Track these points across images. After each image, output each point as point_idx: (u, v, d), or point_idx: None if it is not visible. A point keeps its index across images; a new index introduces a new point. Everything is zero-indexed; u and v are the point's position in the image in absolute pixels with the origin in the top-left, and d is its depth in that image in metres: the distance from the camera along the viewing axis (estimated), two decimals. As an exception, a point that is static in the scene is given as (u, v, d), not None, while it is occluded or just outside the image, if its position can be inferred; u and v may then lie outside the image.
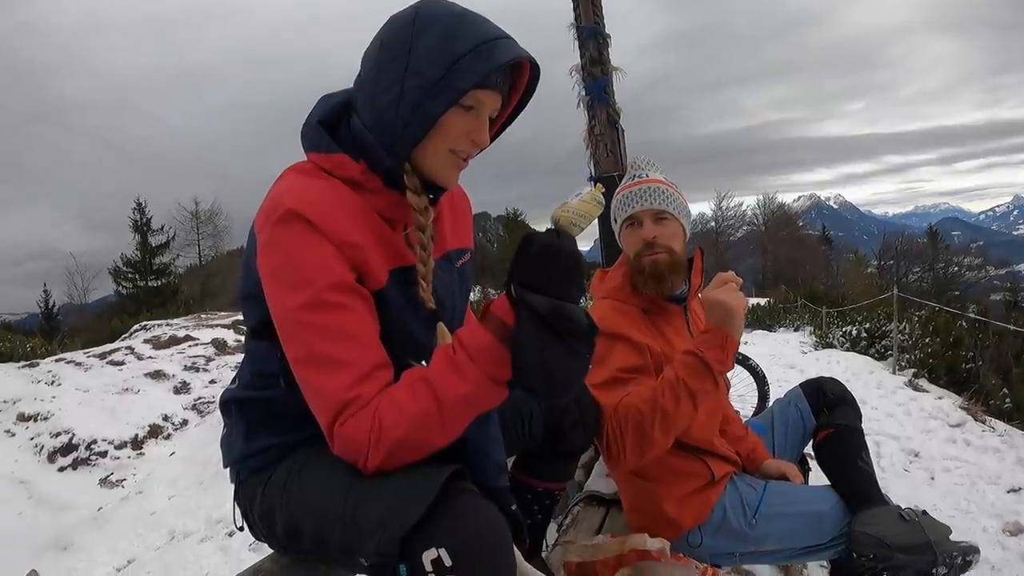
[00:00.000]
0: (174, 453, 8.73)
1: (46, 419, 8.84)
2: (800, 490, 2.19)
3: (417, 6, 1.23)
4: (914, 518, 1.96)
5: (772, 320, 22.23)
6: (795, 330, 20.11)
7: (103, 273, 34.25)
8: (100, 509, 7.36)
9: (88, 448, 8.44)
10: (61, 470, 8.13)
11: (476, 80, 1.17)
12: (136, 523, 6.80)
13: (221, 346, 12.40)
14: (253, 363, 1.39)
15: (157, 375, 10.64)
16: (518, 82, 1.33)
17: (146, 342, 12.43)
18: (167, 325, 14.29)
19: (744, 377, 5.06)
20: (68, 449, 8.38)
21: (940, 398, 6.83)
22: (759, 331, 19.62)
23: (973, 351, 9.41)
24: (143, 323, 15.55)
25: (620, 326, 2.01)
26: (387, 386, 1.17)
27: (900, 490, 4.10)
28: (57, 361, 11.11)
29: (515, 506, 1.39)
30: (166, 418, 9.50)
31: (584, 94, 4.19)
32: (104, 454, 8.44)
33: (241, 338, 12.76)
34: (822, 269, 53.27)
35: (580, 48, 4.19)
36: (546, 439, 1.76)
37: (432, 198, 1.32)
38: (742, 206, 61.90)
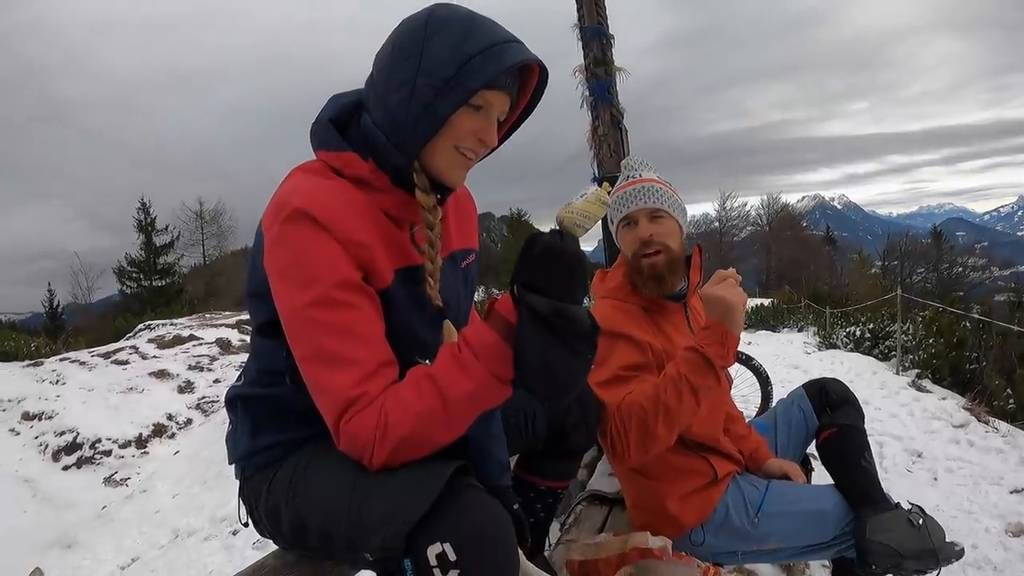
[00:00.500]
0: (178, 452, 8.76)
1: (50, 418, 8.89)
2: (802, 489, 2.19)
3: (430, 9, 1.25)
4: (919, 522, 1.97)
5: (776, 320, 22.17)
6: (799, 330, 20.06)
7: (107, 273, 34.42)
8: (104, 507, 7.39)
9: (92, 447, 8.48)
10: (65, 469, 8.18)
11: (486, 80, 1.19)
12: (140, 521, 6.82)
13: (225, 346, 12.44)
14: (259, 360, 1.39)
15: (161, 374, 10.69)
16: (526, 86, 1.35)
17: (150, 342, 12.47)
18: (171, 325, 14.35)
19: (747, 377, 5.04)
20: (72, 448, 8.42)
21: (943, 399, 6.81)
22: (763, 331, 19.60)
23: (977, 352, 9.39)
24: (147, 323, 15.62)
25: (621, 325, 2.02)
26: (393, 383, 1.18)
27: (903, 490, 4.08)
28: (61, 360, 11.17)
29: (517, 505, 1.40)
30: (170, 417, 9.54)
31: (588, 94, 4.19)
32: (108, 453, 8.48)
33: (245, 338, 12.79)
34: (826, 269, 53.07)
35: (584, 48, 4.19)
36: (549, 438, 1.77)
37: (439, 198, 1.33)
38: (746, 206, 61.91)
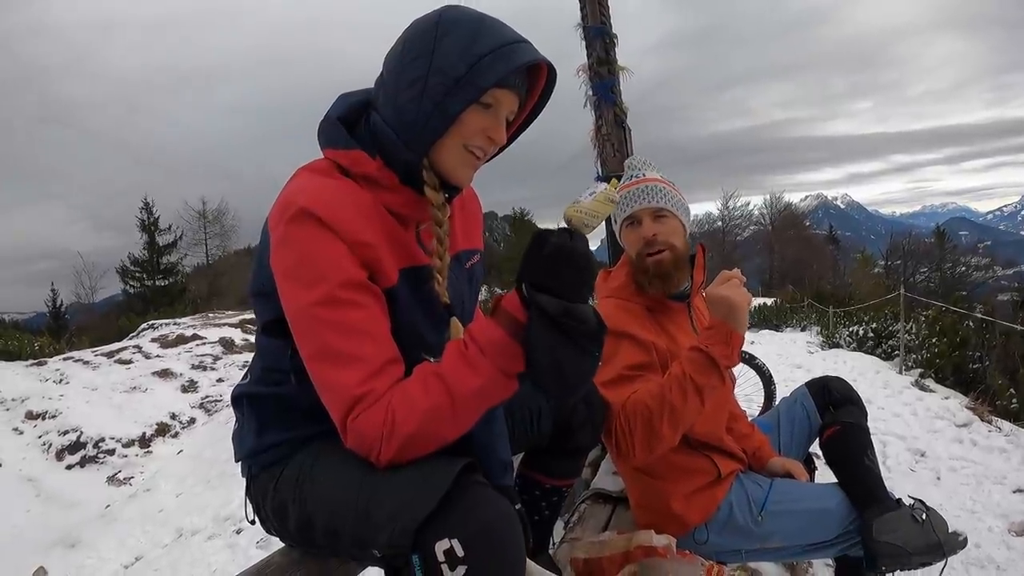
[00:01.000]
0: (181, 451, 8.77)
1: (54, 417, 8.90)
2: (805, 487, 2.19)
3: (440, 11, 1.27)
4: (923, 518, 1.98)
5: (779, 320, 22.15)
6: (802, 330, 20.04)
7: (110, 272, 34.35)
8: (108, 507, 7.40)
9: (96, 446, 8.49)
10: (69, 468, 8.19)
11: (496, 79, 1.21)
12: (144, 520, 6.83)
13: (228, 345, 12.44)
14: (264, 359, 1.40)
15: (165, 374, 10.70)
16: (534, 88, 1.36)
17: (153, 341, 12.49)
18: (174, 324, 14.35)
19: (750, 377, 5.03)
20: (76, 447, 8.44)
21: (946, 398, 6.82)
22: (766, 331, 19.57)
23: (980, 351, 9.38)
24: (150, 322, 15.63)
25: (626, 324, 2.02)
26: (399, 381, 1.19)
27: (906, 489, 4.04)
28: (65, 360, 11.18)
29: (519, 505, 1.40)
30: (174, 416, 9.55)
31: (591, 94, 4.21)
32: (112, 452, 8.49)
33: (248, 337, 12.81)
34: (829, 269, 52.93)
35: (587, 48, 4.20)
36: (554, 436, 1.77)
37: (447, 197, 1.34)
38: (749, 206, 61.49)
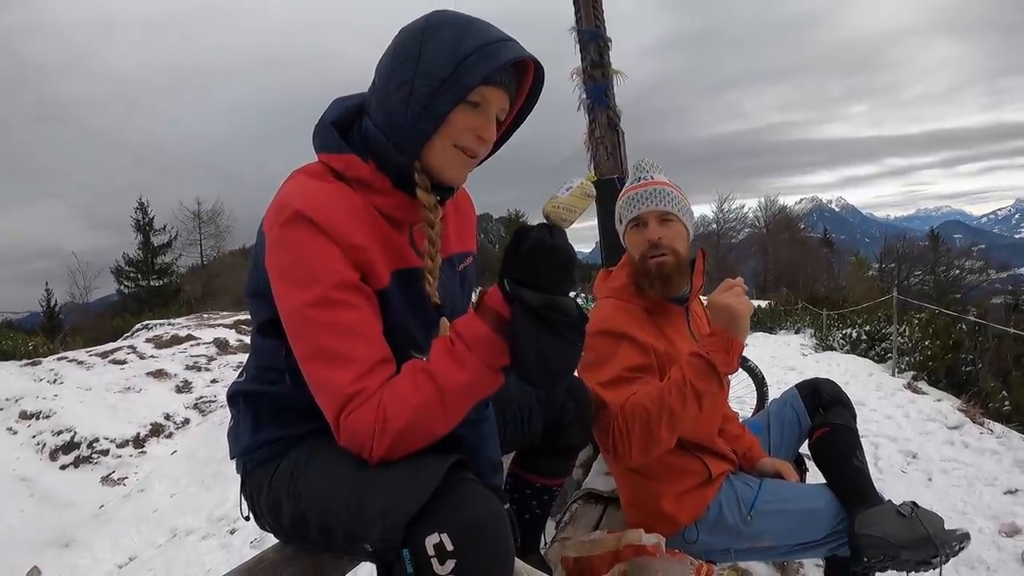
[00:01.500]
0: (175, 452, 8.77)
1: (48, 417, 8.88)
2: (795, 488, 2.21)
3: (427, 16, 1.28)
4: (910, 513, 1.99)
5: (773, 322, 22.14)
6: (796, 332, 20.06)
7: (105, 272, 34.27)
8: (102, 507, 7.40)
9: (90, 446, 8.48)
10: (63, 468, 8.17)
11: (482, 76, 1.22)
12: (138, 521, 6.83)
13: (223, 346, 12.44)
14: (259, 358, 1.42)
15: (159, 374, 10.69)
16: (524, 86, 1.37)
17: (148, 341, 12.49)
18: (169, 325, 14.35)
19: (743, 379, 5.06)
20: (70, 447, 8.42)
21: (939, 400, 6.82)
22: (760, 333, 19.57)
23: (973, 354, 9.41)
24: (145, 322, 15.63)
25: (625, 326, 2.04)
26: (390, 379, 1.21)
27: (898, 491, 4.11)
28: (59, 360, 11.17)
29: (507, 505, 1.42)
30: (168, 417, 9.54)
31: (585, 97, 4.22)
32: (106, 452, 8.48)
33: (243, 338, 12.82)
34: (823, 272, 52.80)
35: (581, 51, 4.22)
36: (545, 435, 1.79)
37: (439, 199, 1.35)
38: (743, 208, 61.68)
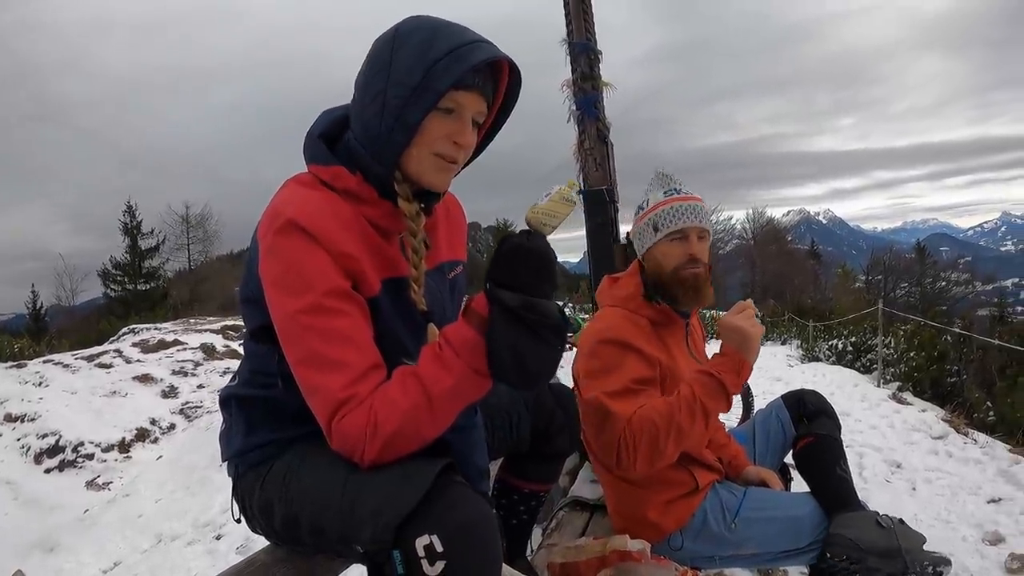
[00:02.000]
0: (161, 457, 8.71)
1: (33, 420, 8.81)
2: (779, 496, 2.23)
3: (398, 24, 1.29)
4: (890, 525, 2.00)
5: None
6: (782, 343, 20.17)
7: (92, 275, 34.04)
8: (87, 511, 7.34)
9: (75, 450, 8.40)
10: (48, 472, 8.10)
11: (452, 81, 1.22)
12: (123, 526, 6.77)
13: (209, 351, 12.37)
14: (251, 362, 1.43)
15: (145, 379, 10.61)
16: (502, 86, 1.38)
17: (134, 345, 12.39)
18: (155, 329, 14.29)
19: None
20: (55, 451, 8.35)
21: (923, 411, 6.88)
22: (747, 344, 19.62)
23: (958, 365, 9.50)
24: (131, 326, 15.57)
25: (632, 337, 2.03)
26: (381, 384, 1.22)
27: (882, 500, 4.15)
28: (45, 362, 11.06)
29: (494, 510, 1.44)
30: (153, 422, 9.47)
31: (575, 108, 4.25)
32: (91, 456, 8.40)
33: (230, 344, 12.78)
34: (810, 283, 52.87)
35: (571, 63, 4.25)
36: (533, 442, 1.81)
37: (424, 206, 1.37)
38: (732, 220, 61.84)
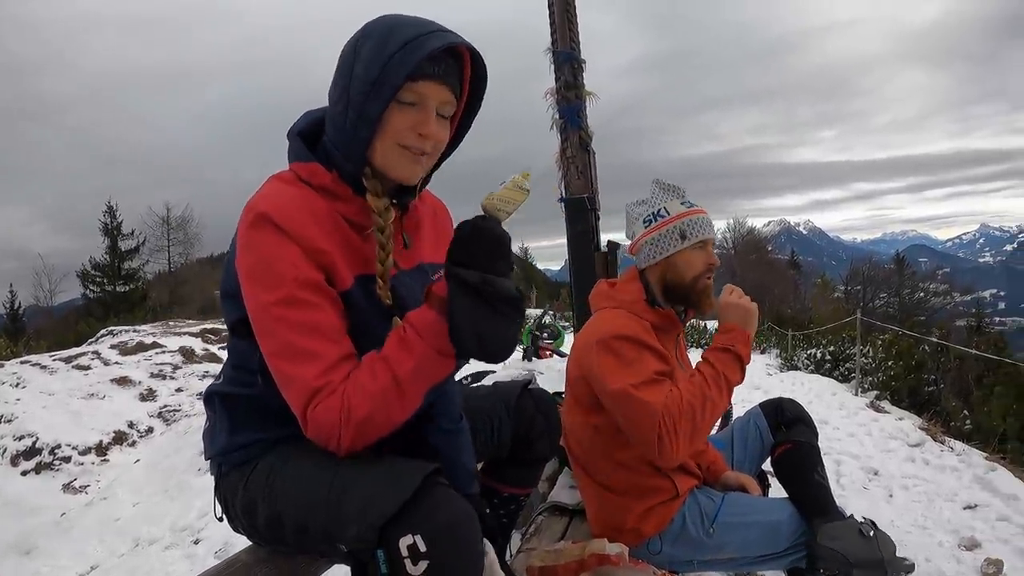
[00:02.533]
0: (139, 460, 8.63)
1: (10, 421, 8.72)
2: (757, 501, 2.26)
3: (364, 26, 1.32)
4: (870, 534, 2.05)
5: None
6: (762, 352, 20.31)
7: (71, 275, 33.60)
8: (64, 514, 7.26)
9: (52, 452, 8.32)
10: (24, 474, 8.02)
11: (408, 72, 1.24)
12: (101, 529, 6.70)
13: (188, 354, 12.28)
14: (233, 358, 1.45)
15: (123, 381, 10.52)
16: (467, 75, 1.39)
17: (113, 347, 12.28)
18: (134, 331, 14.14)
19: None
20: (31, 453, 8.26)
21: (901, 419, 6.96)
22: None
23: (935, 374, 9.61)
24: (110, 328, 15.39)
25: (646, 335, 2.06)
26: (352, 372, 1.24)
27: (859, 507, 4.17)
28: (22, 363, 10.94)
29: (488, 510, 1.46)
30: (131, 425, 9.39)
31: (558, 117, 4.28)
32: (68, 459, 8.32)
33: (209, 347, 12.70)
34: (790, 293, 53.19)
35: (555, 72, 4.28)
36: (513, 447, 1.82)
37: (394, 201, 1.39)
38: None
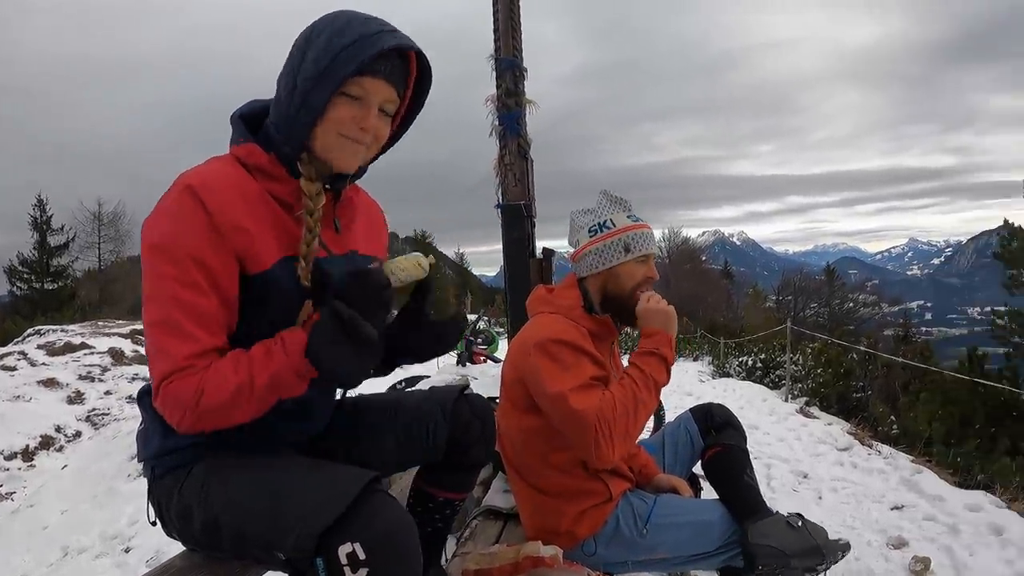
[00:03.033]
0: (66, 466, 8.39)
1: (-71, 425, 8.42)
2: (689, 502, 2.32)
3: (320, 17, 1.36)
4: (799, 524, 2.16)
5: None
6: (694, 360, 20.65)
7: (-3, 271, 32.42)
8: (-12, 522, 7.05)
9: (-25, 458, 8.07)
10: (-54, 480, 7.76)
11: (355, 67, 1.28)
12: (28, 538, 6.51)
13: (118, 356, 11.98)
14: None
15: (50, 383, 10.24)
16: (412, 78, 1.44)
17: (40, 348, 11.94)
18: (62, 331, 13.74)
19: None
20: (-47, 458, 8.00)
21: (829, 424, 7.15)
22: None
23: (863, 381, 9.90)
24: (37, 327, 14.91)
25: (583, 341, 2.08)
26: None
27: (789, 508, 4.21)
28: (-57, 364, 10.59)
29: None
30: (58, 429, 9.15)
31: (497, 124, 4.31)
32: (-8, 464, 8.08)
33: (138, 348, 12.39)
34: (723, 302, 53.92)
35: (497, 79, 4.31)
36: (449, 451, 1.83)
37: (327, 187, 1.42)
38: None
